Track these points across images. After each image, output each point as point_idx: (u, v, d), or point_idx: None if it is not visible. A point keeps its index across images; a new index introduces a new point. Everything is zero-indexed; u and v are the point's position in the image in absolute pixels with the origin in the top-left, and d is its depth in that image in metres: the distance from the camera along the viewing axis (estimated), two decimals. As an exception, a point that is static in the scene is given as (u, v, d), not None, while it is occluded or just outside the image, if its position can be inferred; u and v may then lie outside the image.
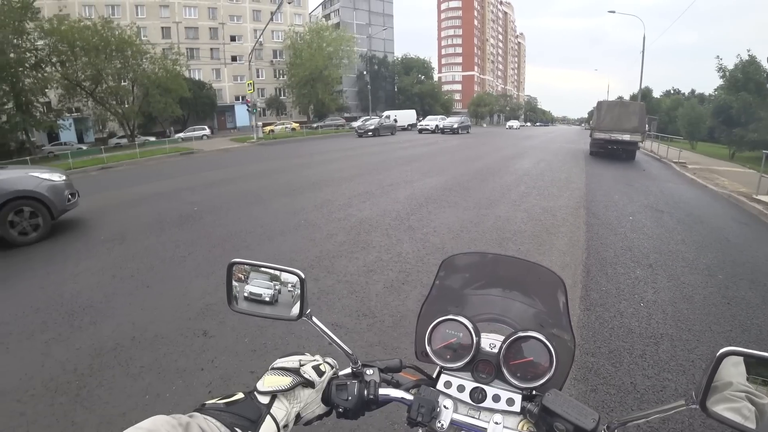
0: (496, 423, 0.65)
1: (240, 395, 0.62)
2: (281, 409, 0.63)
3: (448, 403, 0.69)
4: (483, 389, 0.70)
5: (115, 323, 3.36)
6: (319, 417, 0.71)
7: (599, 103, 16.81)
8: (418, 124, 38.60)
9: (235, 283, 0.80)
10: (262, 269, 0.80)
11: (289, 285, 0.79)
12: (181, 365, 2.74)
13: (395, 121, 36.02)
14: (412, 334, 0.83)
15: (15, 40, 22.62)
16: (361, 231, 5.77)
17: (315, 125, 42.89)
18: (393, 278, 4.14)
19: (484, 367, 0.72)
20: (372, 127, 29.65)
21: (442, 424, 0.66)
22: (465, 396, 0.70)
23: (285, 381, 0.65)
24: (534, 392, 0.70)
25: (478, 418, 0.68)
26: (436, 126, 34.25)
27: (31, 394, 2.52)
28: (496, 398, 0.69)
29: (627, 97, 45.21)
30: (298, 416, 0.66)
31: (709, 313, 3.49)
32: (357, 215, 6.61)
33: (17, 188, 5.74)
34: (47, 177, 6.18)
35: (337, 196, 8.11)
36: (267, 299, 0.79)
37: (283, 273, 0.78)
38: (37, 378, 2.67)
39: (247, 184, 10.08)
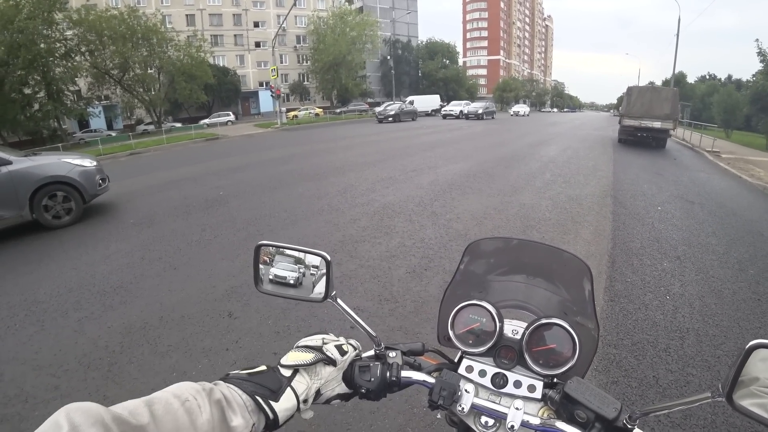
0: (517, 408, 0.65)
1: (263, 367, 0.64)
2: (302, 383, 0.65)
3: (470, 387, 0.69)
4: (505, 375, 0.70)
5: (144, 303, 3.49)
6: (340, 396, 0.72)
7: (629, 89, 16.22)
8: (442, 109, 38.09)
9: (261, 266, 0.81)
10: (288, 251, 0.80)
11: (314, 267, 0.79)
12: (206, 345, 2.83)
13: (413, 105, 35.53)
14: (434, 319, 0.83)
15: (45, 31, 23.09)
16: (384, 216, 5.78)
17: (338, 110, 42.82)
18: (415, 264, 4.15)
19: (506, 353, 0.72)
20: (392, 112, 29.19)
21: (463, 408, 0.67)
22: (486, 381, 0.71)
23: (307, 357, 0.67)
24: (555, 380, 0.69)
25: (499, 403, 0.68)
26: (461, 111, 33.69)
27: (65, 369, 2.64)
28: (518, 384, 0.69)
29: (659, 83, 43.57)
30: (318, 393, 0.68)
31: (738, 309, 3.38)
32: (380, 200, 6.62)
33: (51, 173, 5.94)
34: (79, 162, 6.38)
35: (360, 182, 8.13)
36: (291, 282, 0.80)
37: (308, 255, 0.79)
38: (70, 354, 2.80)
39: (271, 169, 10.19)
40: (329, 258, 0.76)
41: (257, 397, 0.58)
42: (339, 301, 0.76)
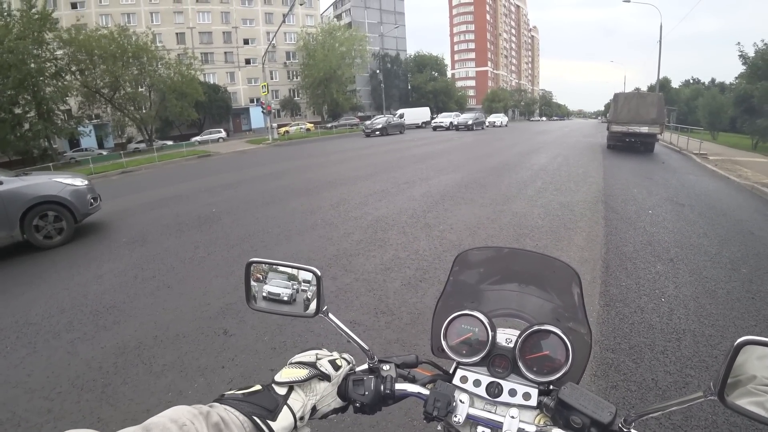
0: (512, 417, 0.65)
1: (258, 387, 0.64)
2: (297, 401, 0.65)
3: (464, 397, 0.69)
4: (499, 384, 0.70)
5: (138, 323, 3.44)
6: (336, 411, 0.72)
7: (616, 95, 16.50)
8: (433, 121, 38.39)
9: (253, 283, 0.81)
10: (280, 268, 0.81)
11: (306, 283, 0.79)
12: (202, 363, 2.79)
13: (403, 118, 35.70)
14: (430, 331, 0.83)
15: (35, 51, 23.18)
16: (377, 229, 5.78)
17: (329, 125, 43.14)
18: (410, 275, 4.15)
19: (500, 362, 0.72)
20: (380, 126, 29.36)
21: (458, 419, 0.67)
22: (481, 390, 0.70)
23: (301, 373, 0.67)
24: (551, 386, 0.70)
25: (495, 413, 0.68)
26: (451, 123, 34.06)
27: (58, 391, 2.59)
28: (513, 392, 0.69)
29: (644, 88, 44.25)
30: (314, 409, 0.68)
31: (733, 308, 3.40)
32: (373, 213, 6.63)
33: (42, 193, 5.90)
34: (70, 182, 6.34)
35: (353, 195, 8.15)
36: (285, 298, 0.80)
37: (300, 271, 0.79)
38: (63, 376, 2.75)
39: (264, 185, 10.20)
40: (320, 273, 0.77)
41: (255, 418, 0.58)
42: (330, 315, 0.77)
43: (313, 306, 0.78)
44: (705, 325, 3.12)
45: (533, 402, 0.67)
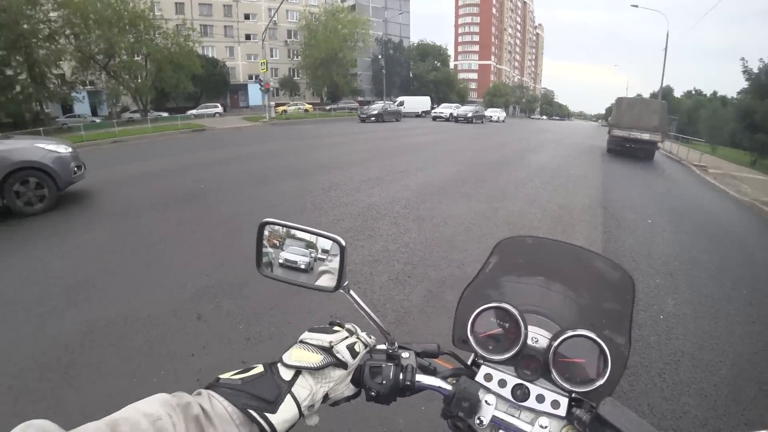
0: (543, 427, 0.60)
1: (259, 368, 0.56)
2: (304, 388, 0.56)
3: (491, 398, 0.64)
4: (527, 387, 0.65)
5: (109, 300, 3.28)
6: (348, 399, 0.66)
7: (619, 100, 16.35)
8: (432, 111, 38.04)
9: (270, 249, 0.74)
10: (297, 234, 0.73)
11: (325, 252, 0.72)
12: (172, 349, 2.63)
13: (403, 105, 35.33)
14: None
15: (28, 11, 22.48)
16: (368, 218, 5.62)
17: (328, 107, 42.53)
18: (398, 270, 3.99)
19: (528, 363, 0.66)
20: (375, 111, 28.82)
21: (482, 420, 0.62)
22: (506, 392, 0.65)
23: (315, 359, 0.58)
24: (579, 397, 0.64)
25: (518, 417, 0.63)
26: (450, 114, 33.76)
27: (20, 367, 2.47)
28: (540, 398, 0.63)
29: (646, 95, 44.17)
30: (325, 397, 0.60)
31: (733, 332, 3.28)
32: (365, 201, 6.45)
33: (22, 158, 5.66)
34: (53, 148, 6.08)
35: (346, 180, 7.95)
36: (302, 266, 0.73)
37: (320, 239, 0.71)
38: (27, 352, 2.62)
39: (256, 164, 9.98)
40: (344, 243, 0.69)
41: (249, 411, 0.50)
42: (352, 292, 0.70)
43: (331, 279, 0.71)
44: (704, 349, 2.99)
45: (561, 411, 0.62)
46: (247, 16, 50.44)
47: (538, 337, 0.69)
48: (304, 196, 6.73)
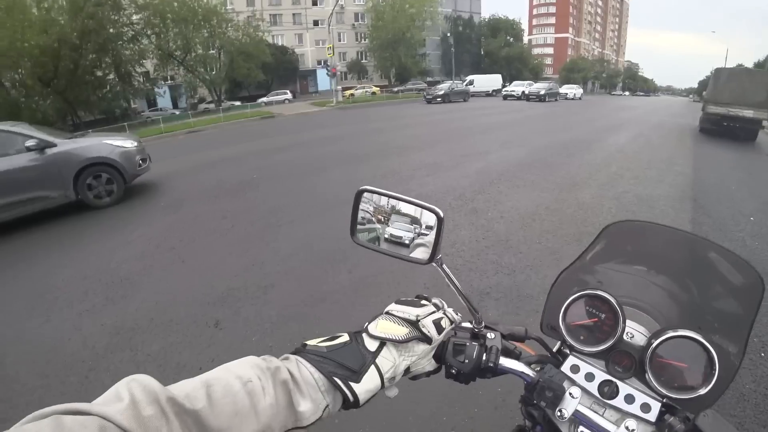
0: (629, 429, 0.56)
1: (345, 337, 0.57)
2: (388, 360, 0.57)
3: (575, 391, 0.60)
4: (616, 384, 0.60)
5: (141, 299, 3.34)
6: (428, 374, 0.65)
7: (717, 71, 14.16)
8: (503, 90, 36.24)
9: (378, 226, 0.74)
10: (399, 206, 0.72)
11: (429, 228, 0.70)
12: (183, 359, 2.56)
13: (472, 84, 33.94)
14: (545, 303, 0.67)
15: (113, 16, 24.81)
16: (413, 212, 5.24)
17: (396, 89, 42.28)
18: (437, 277, 3.58)
19: (621, 359, 0.62)
20: (441, 92, 28.06)
21: (563, 413, 0.58)
22: (592, 387, 0.61)
23: (400, 331, 0.58)
24: (673, 404, 0.58)
25: (602, 416, 0.59)
26: (522, 92, 31.98)
27: (52, 367, 2.59)
28: (630, 399, 0.59)
29: (750, 67, 38.36)
30: (407, 370, 0.60)
31: None
32: (417, 191, 6.04)
33: (92, 155, 6.06)
34: (120, 144, 6.46)
35: (403, 167, 7.63)
36: (407, 242, 0.72)
37: (424, 211, 0.70)
38: (61, 351, 2.74)
39: (315, 150, 10.02)
40: (442, 215, 0.66)
41: (335, 378, 0.51)
42: (444, 266, 0.69)
43: (425, 251, 0.69)
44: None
45: (651, 417, 0.57)
46: (314, 2, 51.39)
47: (633, 332, 0.65)
48: (357, 184, 6.31)
